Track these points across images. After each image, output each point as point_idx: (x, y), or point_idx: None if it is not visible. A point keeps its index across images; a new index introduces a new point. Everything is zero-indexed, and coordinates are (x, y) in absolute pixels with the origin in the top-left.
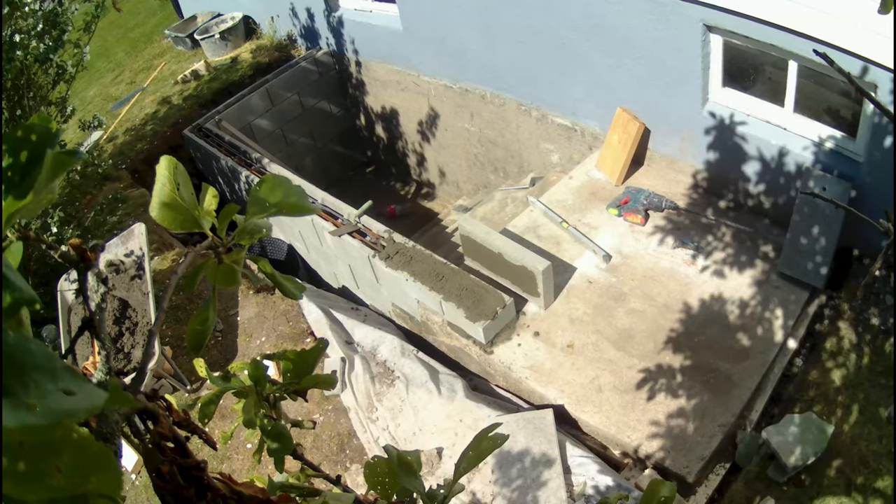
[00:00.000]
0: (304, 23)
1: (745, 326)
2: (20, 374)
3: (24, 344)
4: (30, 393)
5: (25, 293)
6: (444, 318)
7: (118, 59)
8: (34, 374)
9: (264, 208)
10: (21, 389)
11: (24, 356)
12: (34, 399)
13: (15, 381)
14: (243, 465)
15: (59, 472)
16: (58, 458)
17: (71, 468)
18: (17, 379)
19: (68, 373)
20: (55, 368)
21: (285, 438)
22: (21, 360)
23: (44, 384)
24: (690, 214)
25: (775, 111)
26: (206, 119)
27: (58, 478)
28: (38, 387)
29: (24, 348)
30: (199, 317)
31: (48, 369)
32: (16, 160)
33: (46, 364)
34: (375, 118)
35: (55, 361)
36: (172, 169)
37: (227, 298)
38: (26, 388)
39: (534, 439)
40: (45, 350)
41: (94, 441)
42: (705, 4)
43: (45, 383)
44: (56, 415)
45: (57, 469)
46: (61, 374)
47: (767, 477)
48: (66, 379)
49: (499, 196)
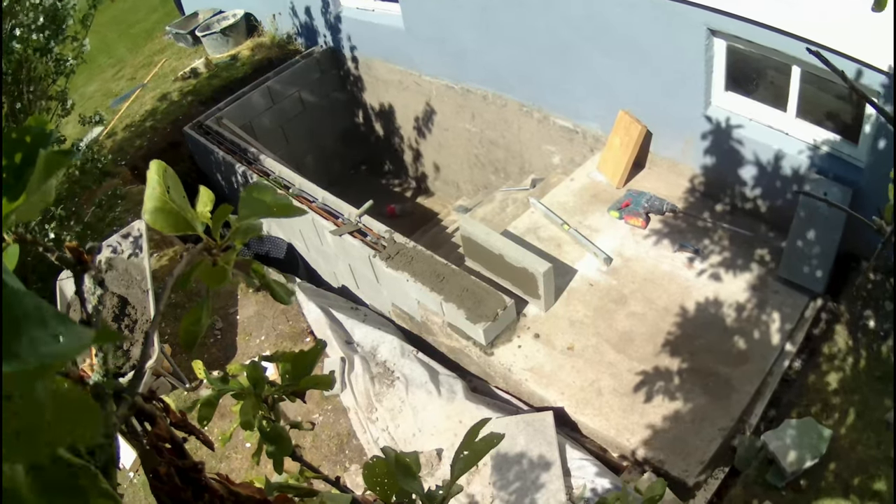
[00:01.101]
0: (305, 21)
1: (744, 330)
2: (12, 322)
3: (13, 294)
4: (21, 340)
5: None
6: (445, 319)
7: (119, 54)
8: (24, 323)
9: (255, 210)
10: (13, 337)
11: (14, 305)
12: (25, 345)
13: (8, 329)
14: (242, 464)
15: (49, 427)
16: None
17: (56, 419)
18: (10, 327)
19: (56, 318)
20: (44, 316)
21: (284, 440)
22: (12, 309)
23: (34, 331)
24: (691, 218)
25: (777, 116)
26: (206, 116)
27: (48, 432)
28: (29, 333)
29: (16, 300)
30: (192, 316)
31: (38, 317)
32: (11, 161)
33: (36, 312)
34: (376, 117)
35: (44, 309)
36: (162, 173)
37: (227, 297)
38: (18, 335)
39: (533, 441)
40: (34, 298)
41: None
42: (709, 8)
43: (35, 330)
44: (46, 357)
45: (48, 423)
46: (50, 320)
47: (766, 481)
48: (55, 324)
49: (499, 197)
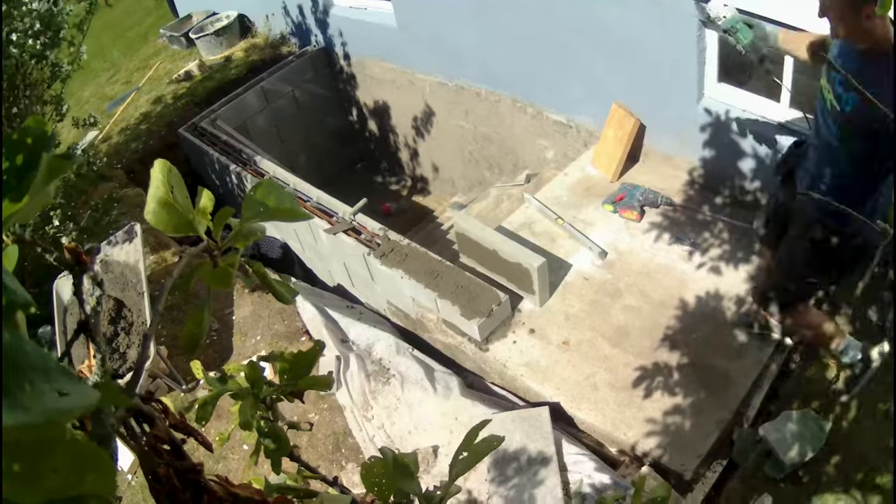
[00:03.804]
0: (298, 20)
1: (741, 323)
2: (16, 373)
3: (19, 344)
4: (25, 393)
5: (20, 296)
6: (440, 316)
7: (113, 58)
8: (29, 374)
9: (259, 212)
10: (17, 389)
11: (20, 356)
12: (29, 399)
13: (11, 381)
14: (240, 465)
15: (55, 473)
16: (53, 459)
17: (66, 468)
18: (14, 379)
19: (62, 373)
20: (49, 368)
21: (282, 440)
22: (16, 360)
23: (39, 384)
24: (686, 210)
25: (771, 106)
26: (200, 118)
27: (53, 478)
28: (34, 386)
29: (19, 348)
30: (195, 319)
31: (42, 369)
32: (12, 164)
33: (41, 364)
34: (370, 116)
35: (49, 362)
36: (167, 172)
37: (223, 298)
38: (22, 387)
39: (530, 437)
40: (39, 350)
41: (88, 441)
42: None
43: (39, 383)
44: (51, 413)
45: (53, 470)
46: (55, 375)
47: (765, 474)
48: (60, 379)
49: (494, 193)
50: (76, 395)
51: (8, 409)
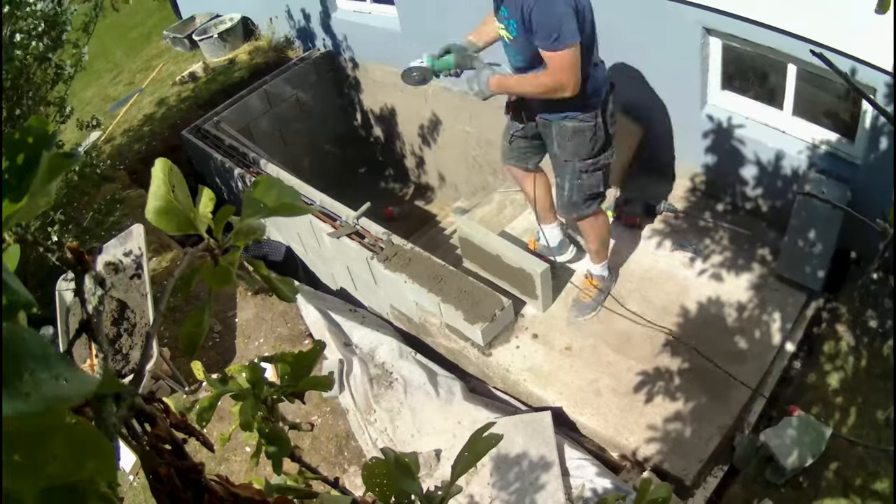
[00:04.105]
0: (301, 24)
1: (742, 329)
2: (15, 363)
3: (17, 333)
4: (24, 381)
5: (22, 296)
6: (443, 320)
7: (116, 59)
8: (28, 363)
9: (259, 209)
10: (16, 378)
11: (18, 345)
12: (29, 387)
13: (10, 370)
14: (241, 466)
15: (55, 459)
16: (52, 445)
17: (65, 454)
18: (13, 368)
19: (61, 360)
20: (48, 355)
21: (283, 441)
22: (15, 350)
23: (38, 372)
24: (688, 217)
25: (774, 114)
26: (204, 120)
27: (53, 465)
28: (33, 375)
29: (18, 338)
30: (194, 319)
31: (41, 356)
32: (13, 163)
33: (39, 352)
34: (373, 119)
35: (48, 349)
36: (168, 171)
37: (226, 300)
38: (21, 376)
39: (532, 441)
40: (37, 337)
41: (87, 425)
42: (703, 7)
43: (39, 371)
44: (49, 400)
45: (52, 456)
46: (54, 362)
47: (765, 479)
48: (59, 365)
49: (497, 198)
50: (75, 381)
51: (8, 398)
